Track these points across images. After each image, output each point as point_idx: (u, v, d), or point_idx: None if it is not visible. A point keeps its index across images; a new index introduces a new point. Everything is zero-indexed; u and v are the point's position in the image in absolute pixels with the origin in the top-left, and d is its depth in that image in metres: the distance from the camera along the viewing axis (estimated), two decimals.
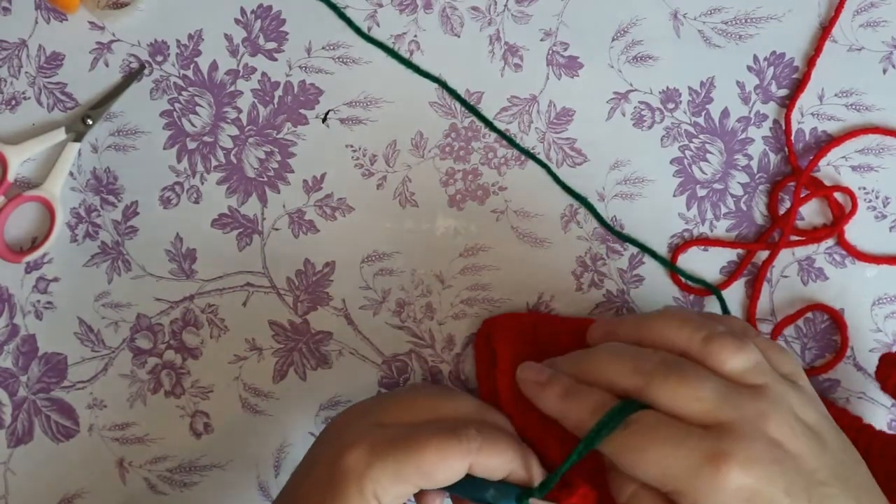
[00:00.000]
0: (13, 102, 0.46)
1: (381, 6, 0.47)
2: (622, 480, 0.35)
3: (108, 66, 0.46)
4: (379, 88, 0.47)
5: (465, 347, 0.46)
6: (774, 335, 0.46)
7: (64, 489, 0.45)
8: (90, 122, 0.46)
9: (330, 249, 0.46)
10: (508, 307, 0.46)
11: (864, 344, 0.46)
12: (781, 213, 0.46)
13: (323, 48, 0.47)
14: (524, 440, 0.39)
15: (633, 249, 0.46)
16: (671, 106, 0.47)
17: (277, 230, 0.46)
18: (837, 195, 0.46)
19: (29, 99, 0.46)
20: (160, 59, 0.47)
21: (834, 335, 0.46)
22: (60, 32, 0.46)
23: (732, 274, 0.46)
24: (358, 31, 0.46)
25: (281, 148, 0.46)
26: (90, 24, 0.46)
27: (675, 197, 0.47)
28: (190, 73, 0.46)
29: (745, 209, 0.47)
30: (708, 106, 0.47)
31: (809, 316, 0.46)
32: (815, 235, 0.46)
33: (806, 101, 0.47)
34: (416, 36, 0.47)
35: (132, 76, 0.46)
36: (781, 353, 0.37)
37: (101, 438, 0.45)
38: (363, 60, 0.47)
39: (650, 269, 0.46)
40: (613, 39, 0.47)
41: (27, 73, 0.46)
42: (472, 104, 0.46)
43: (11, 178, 0.45)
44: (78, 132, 0.46)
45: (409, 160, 0.46)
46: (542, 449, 0.39)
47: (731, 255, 0.46)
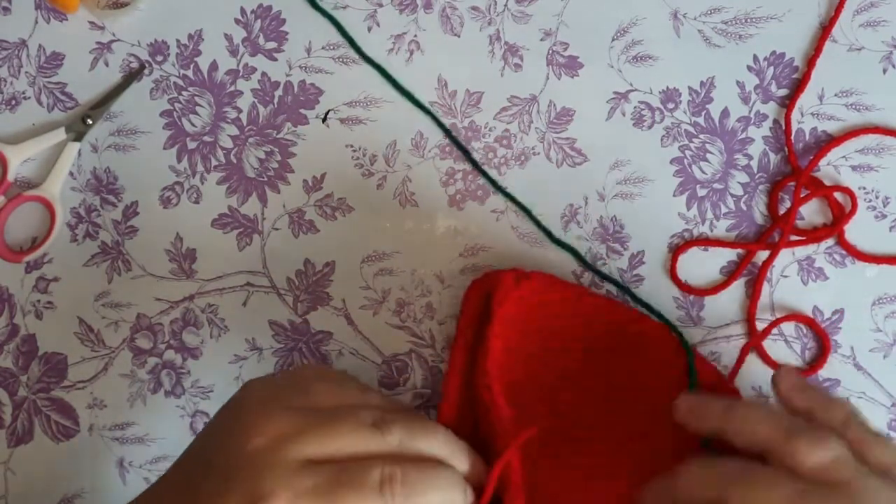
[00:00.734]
0: (13, 102, 0.46)
1: (381, 6, 0.47)
2: None
3: (108, 66, 0.46)
4: (379, 88, 0.47)
5: None
6: (741, 356, 0.45)
7: (64, 489, 0.45)
8: (90, 122, 0.46)
9: (330, 249, 0.46)
10: None
11: (864, 344, 0.46)
12: (781, 213, 0.46)
13: (323, 48, 0.47)
14: (487, 410, 0.39)
15: (633, 249, 0.46)
16: (671, 106, 0.47)
17: (277, 230, 0.46)
18: (837, 195, 0.46)
19: (29, 99, 0.46)
20: (160, 59, 0.47)
21: (835, 335, 0.46)
22: (60, 32, 0.46)
23: (732, 274, 0.46)
24: (358, 49, 0.47)
25: (281, 148, 0.46)
26: (90, 24, 0.47)
27: (675, 197, 0.47)
28: (190, 73, 0.46)
29: (745, 209, 0.47)
30: (708, 106, 0.47)
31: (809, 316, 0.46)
32: (815, 235, 0.46)
33: (806, 101, 0.47)
34: (416, 36, 0.47)
35: (132, 76, 0.46)
36: (881, 442, 0.35)
37: (101, 438, 0.45)
38: (363, 60, 0.47)
39: (650, 269, 0.46)
40: (613, 39, 0.47)
41: (27, 73, 0.46)
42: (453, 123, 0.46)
43: (11, 178, 0.45)
44: (78, 132, 0.46)
45: (409, 160, 0.46)
46: (502, 421, 0.38)
47: (731, 255, 0.46)
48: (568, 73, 0.47)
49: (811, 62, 0.47)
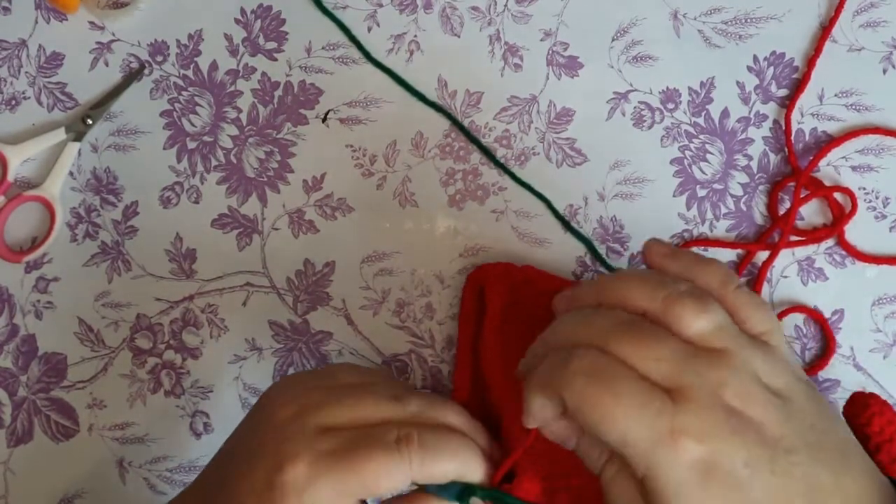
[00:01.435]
0: (13, 102, 0.46)
1: (381, 6, 0.47)
2: (592, 448, 0.33)
3: (108, 66, 0.46)
4: (379, 88, 0.47)
5: None
6: None
7: (64, 489, 0.45)
8: (90, 122, 0.46)
9: (330, 249, 0.46)
10: None
11: (864, 344, 0.46)
12: (781, 213, 0.46)
13: (323, 48, 0.47)
14: (494, 404, 0.39)
15: (633, 249, 0.46)
16: (671, 106, 0.47)
17: (277, 230, 0.46)
18: (837, 195, 0.46)
19: (29, 99, 0.46)
20: (160, 59, 0.47)
21: (835, 336, 0.46)
22: (60, 32, 0.46)
23: None
24: (366, 53, 0.47)
25: (281, 148, 0.46)
26: (90, 24, 0.47)
27: (675, 197, 0.47)
28: (190, 73, 0.46)
29: (745, 209, 0.47)
30: (708, 106, 0.47)
31: (809, 316, 0.46)
32: (815, 236, 0.46)
33: (806, 101, 0.47)
34: (416, 36, 0.47)
35: (132, 76, 0.46)
36: (758, 309, 0.34)
37: (101, 438, 0.45)
38: (363, 60, 0.47)
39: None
40: (613, 39, 0.47)
41: (27, 73, 0.46)
42: (462, 116, 0.46)
43: (11, 178, 0.45)
44: (78, 132, 0.46)
45: (408, 160, 0.46)
46: (511, 407, 0.38)
47: (730, 255, 0.46)
48: (568, 73, 0.47)
49: (811, 62, 0.47)
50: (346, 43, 0.47)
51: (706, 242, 0.46)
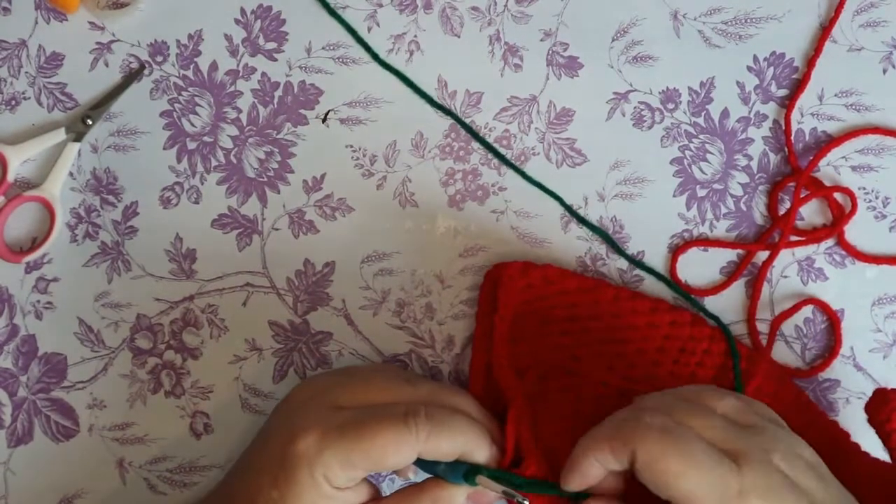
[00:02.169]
0: (13, 102, 0.46)
1: (381, 6, 0.47)
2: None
3: (108, 66, 0.46)
4: (379, 88, 0.47)
5: (464, 348, 0.46)
6: (772, 331, 0.46)
7: (64, 489, 0.45)
8: (90, 122, 0.46)
9: (330, 249, 0.46)
10: None
11: (864, 344, 0.46)
12: (781, 213, 0.46)
13: (323, 48, 0.47)
14: (502, 401, 0.40)
15: (633, 249, 0.46)
16: (671, 106, 0.47)
17: (277, 230, 0.46)
18: (837, 195, 0.46)
19: (29, 99, 0.46)
20: (160, 59, 0.47)
21: (834, 336, 0.46)
22: (60, 32, 0.46)
23: (732, 274, 0.46)
24: (374, 54, 0.47)
25: (281, 148, 0.46)
26: (90, 24, 0.46)
27: (674, 197, 0.47)
28: (190, 73, 0.46)
29: (744, 209, 0.47)
30: (708, 106, 0.47)
31: (809, 316, 0.46)
32: (815, 235, 0.46)
33: (806, 101, 0.47)
34: (416, 36, 0.47)
35: (132, 76, 0.46)
36: (758, 403, 0.38)
37: (101, 438, 0.45)
38: (363, 60, 0.47)
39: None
40: (613, 40, 0.47)
41: (27, 73, 0.46)
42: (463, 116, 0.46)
43: (11, 178, 0.45)
44: (78, 132, 0.46)
45: (408, 160, 0.46)
46: (519, 405, 0.39)
47: (730, 255, 0.46)
48: (568, 73, 0.47)
49: (811, 62, 0.47)
50: (346, 43, 0.47)
51: (706, 242, 0.46)
